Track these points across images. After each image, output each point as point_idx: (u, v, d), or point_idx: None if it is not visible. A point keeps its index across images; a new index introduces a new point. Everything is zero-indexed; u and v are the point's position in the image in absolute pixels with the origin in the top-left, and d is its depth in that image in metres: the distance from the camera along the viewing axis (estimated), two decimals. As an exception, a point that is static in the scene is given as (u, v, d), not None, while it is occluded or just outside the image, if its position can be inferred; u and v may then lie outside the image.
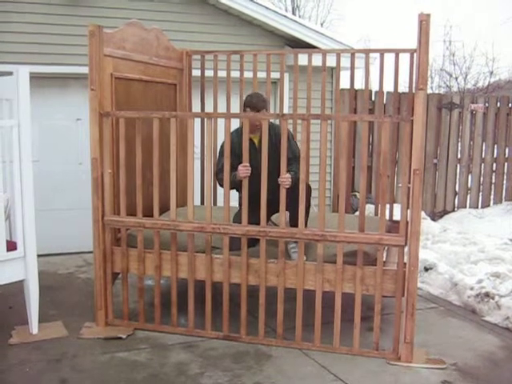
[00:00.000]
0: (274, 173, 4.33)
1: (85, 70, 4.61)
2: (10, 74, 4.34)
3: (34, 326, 4.56)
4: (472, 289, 5.38)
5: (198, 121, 5.93)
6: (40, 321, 4.61)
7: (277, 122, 4.71)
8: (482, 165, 9.21)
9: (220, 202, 5.07)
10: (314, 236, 4.19)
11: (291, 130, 5.21)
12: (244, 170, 4.35)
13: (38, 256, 4.60)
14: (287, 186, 4.28)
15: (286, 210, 4.30)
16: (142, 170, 5.20)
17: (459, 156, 9.11)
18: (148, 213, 4.61)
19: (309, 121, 4.40)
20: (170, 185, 4.51)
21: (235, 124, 5.57)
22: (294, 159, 4.57)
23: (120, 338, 4.52)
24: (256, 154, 4.54)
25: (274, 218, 4.69)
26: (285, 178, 4.28)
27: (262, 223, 4.26)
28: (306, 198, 4.26)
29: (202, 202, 5.90)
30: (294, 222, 4.34)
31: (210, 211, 4.44)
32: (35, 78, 5.11)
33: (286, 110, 7.02)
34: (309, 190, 4.36)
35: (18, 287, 4.56)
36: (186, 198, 5.88)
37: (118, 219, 4.58)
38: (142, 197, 4.56)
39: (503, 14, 39.63)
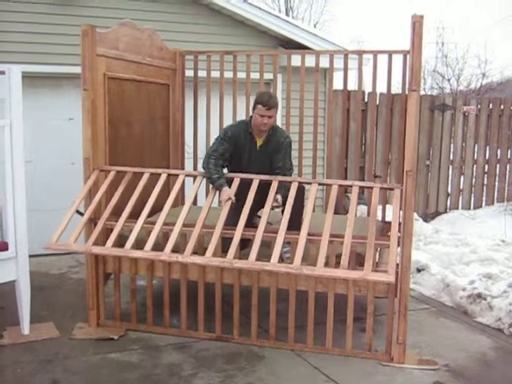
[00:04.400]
0: (265, 173, 4.47)
1: (78, 69, 4.59)
2: (2, 73, 4.31)
3: (26, 327, 4.54)
4: (464, 290, 5.39)
5: (190, 120, 5.93)
6: (32, 321, 4.58)
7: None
8: (474, 166, 9.25)
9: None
10: (289, 269, 3.86)
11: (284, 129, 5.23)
12: (228, 200, 4.32)
13: (30, 256, 4.58)
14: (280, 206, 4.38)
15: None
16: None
17: (451, 157, 9.13)
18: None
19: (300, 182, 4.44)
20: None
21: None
22: (281, 168, 4.58)
23: (112, 339, 4.51)
24: (256, 155, 4.60)
25: (260, 213, 4.69)
26: (276, 202, 4.36)
27: (229, 256, 3.93)
28: (298, 200, 4.33)
29: (195, 203, 5.88)
30: (290, 223, 4.26)
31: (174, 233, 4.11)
32: (27, 78, 5.09)
33: (279, 111, 7.01)
34: (301, 191, 4.44)
35: (10, 288, 4.53)
36: (178, 197, 5.90)
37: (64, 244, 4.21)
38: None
39: (496, 17, 39.87)
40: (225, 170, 4.63)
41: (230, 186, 4.41)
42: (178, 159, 5.91)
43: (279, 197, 4.37)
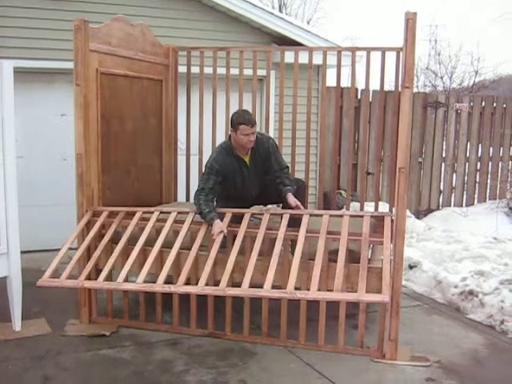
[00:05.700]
0: (261, 185, 4.70)
1: (70, 65, 4.58)
2: (-6, 67, 4.29)
3: (17, 323, 4.52)
4: (456, 287, 5.41)
5: (183, 116, 5.92)
6: (23, 318, 4.57)
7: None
8: (467, 164, 9.28)
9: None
10: (283, 294, 3.86)
11: (276, 139, 5.22)
12: (219, 235, 4.31)
13: (22, 253, 4.56)
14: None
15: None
16: (127, 165, 5.20)
17: (444, 155, 9.17)
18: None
19: None
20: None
21: (222, 128, 5.62)
22: (281, 170, 4.66)
23: (104, 336, 4.50)
24: (248, 173, 4.61)
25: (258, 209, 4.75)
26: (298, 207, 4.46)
27: (222, 284, 3.94)
28: (299, 196, 4.51)
29: (188, 199, 5.89)
30: (294, 222, 4.35)
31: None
32: (19, 73, 5.06)
33: (272, 108, 7.03)
34: (302, 188, 4.68)
35: (1, 284, 4.51)
36: (170, 194, 5.92)
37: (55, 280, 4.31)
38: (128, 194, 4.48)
39: (489, 15, 39.95)
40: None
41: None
42: (171, 156, 5.89)
43: (294, 199, 4.48)
